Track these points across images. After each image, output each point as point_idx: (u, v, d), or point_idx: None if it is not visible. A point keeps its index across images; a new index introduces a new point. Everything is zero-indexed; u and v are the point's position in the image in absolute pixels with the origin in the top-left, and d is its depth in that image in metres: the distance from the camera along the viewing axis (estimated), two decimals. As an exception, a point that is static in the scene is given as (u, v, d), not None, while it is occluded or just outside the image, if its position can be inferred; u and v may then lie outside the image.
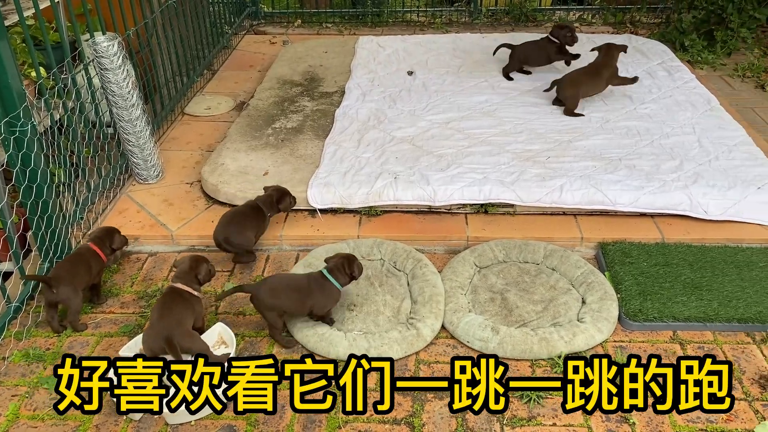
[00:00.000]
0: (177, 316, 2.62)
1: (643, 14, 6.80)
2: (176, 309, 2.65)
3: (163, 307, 2.65)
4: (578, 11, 7.03)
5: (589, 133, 4.20)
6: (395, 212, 3.64)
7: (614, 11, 6.83)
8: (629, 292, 3.01)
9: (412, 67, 5.40)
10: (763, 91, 5.16)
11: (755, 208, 3.45)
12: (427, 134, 4.24)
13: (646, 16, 6.81)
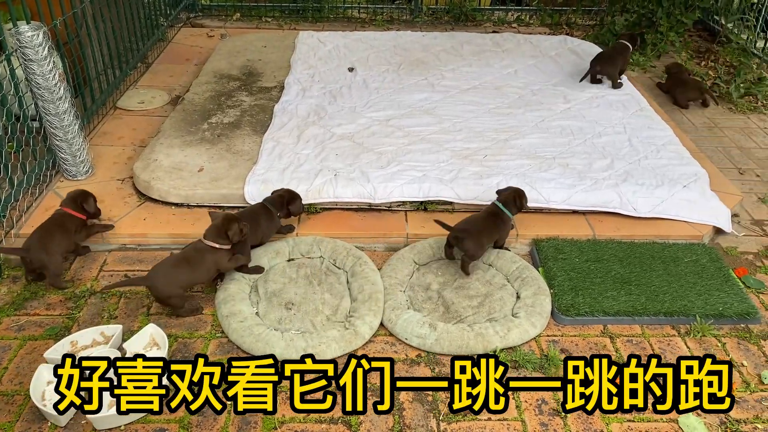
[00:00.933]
0: (186, 273, 2.88)
1: (579, 16, 6.99)
2: (190, 266, 2.89)
3: (179, 258, 2.91)
4: (516, 12, 7.15)
5: (525, 132, 4.28)
6: (335, 210, 3.61)
7: (551, 13, 6.99)
8: (562, 287, 3.08)
9: (353, 63, 5.38)
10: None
11: (681, 206, 3.59)
12: (368, 131, 4.23)
13: (581, 18, 7.00)
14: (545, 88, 4.98)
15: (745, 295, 3.06)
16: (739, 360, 2.77)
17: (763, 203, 3.90)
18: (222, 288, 3.01)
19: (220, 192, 3.56)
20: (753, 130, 4.82)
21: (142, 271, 3.20)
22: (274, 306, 2.93)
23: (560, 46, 5.88)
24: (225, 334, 2.83)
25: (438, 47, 5.81)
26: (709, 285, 3.12)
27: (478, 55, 5.64)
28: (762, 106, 5.21)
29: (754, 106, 5.18)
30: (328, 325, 2.86)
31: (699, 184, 3.74)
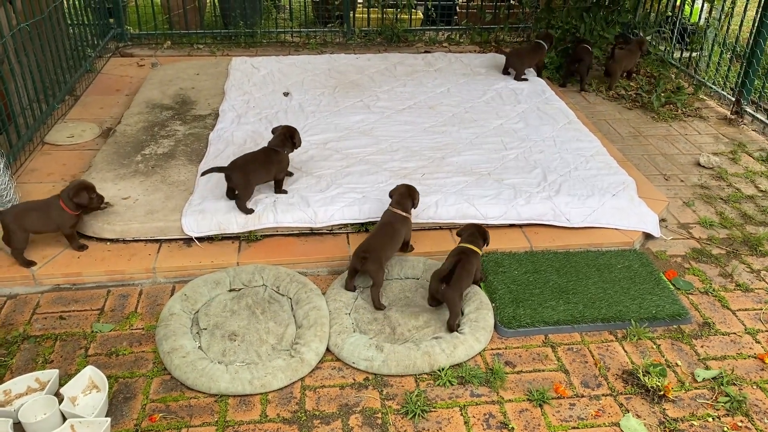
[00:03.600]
0: (380, 242, 3.18)
1: (506, 33, 7.21)
2: (384, 236, 3.24)
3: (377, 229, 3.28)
4: (446, 32, 7.32)
5: (461, 148, 4.38)
6: (276, 236, 3.59)
7: (479, 31, 7.18)
8: (503, 300, 3.15)
9: (288, 88, 5.39)
10: (616, 104, 5.62)
11: (612, 214, 3.73)
12: (305, 155, 4.24)
13: (509, 36, 7.22)
14: (477, 105, 5.11)
15: (676, 297, 3.20)
16: (674, 360, 2.88)
17: (687, 207, 4.10)
18: (162, 324, 2.94)
19: (156, 225, 3.49)
20: (675, 137, 5.06)
21: (78, 311, 3.11)
22: (216, 338, 2.89)
23: (490, 63, 6.05)
24: (168, 371, 2.77)
25: (372, 69, 5.88)
26: (642, 289, 3.25)
27: (412, 75, 5.74)
28: (682, 113, 5.48)
29: (675, 114, 5.45)
30: (273, 354, 2.83)
31: (627, 192, 3.90)
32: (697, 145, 4.94)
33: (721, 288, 3.36)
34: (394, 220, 3.33)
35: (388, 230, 3.29)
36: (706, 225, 3.91)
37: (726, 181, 4.41)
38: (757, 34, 5.18)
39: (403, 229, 3.34)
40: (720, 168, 4.57)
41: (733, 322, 3.12)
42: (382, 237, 3.25)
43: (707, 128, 5.24)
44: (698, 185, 4.36)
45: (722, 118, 5.42)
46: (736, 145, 4.93)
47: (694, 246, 3.72)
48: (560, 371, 2.82)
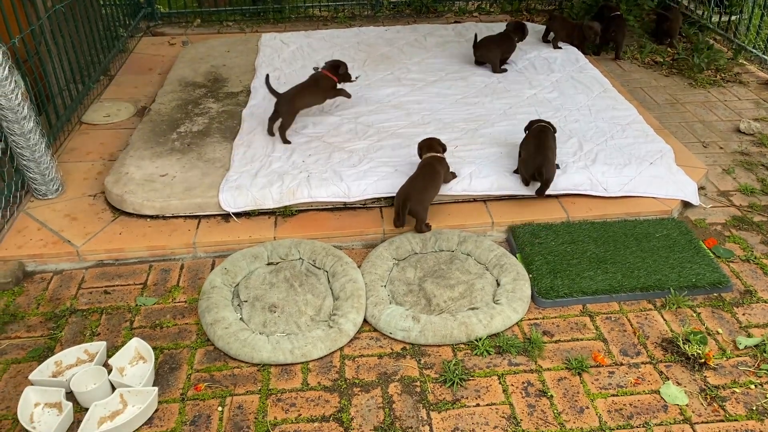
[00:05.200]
0: (421, 184, 3.38)
1: (538, 2, 7.07)
2: (427, 176, 3.43)
3: (416, 175, 3.45)
4: (477, 1, 7.21)
5: (494, 120, 4.34)
6: (310, 211, 3.63)
7: (510, 0, 7.06)
8: (540, 271, 3.14)
9: (318, 62, 5.37)
10: (651, 71, 5.49)
11: (649, 182, 3.67)
12: (338, 130, 4.25)
13: (541, 4, 7.08)
14: (510, 75, 5.04)
15: (716, 265, 3.15)
16: (714, 328, 2.85)
17: (727, 174, 4.01)
18: (204, 297, 3.01)
19: (195, 201, 3.55)
20: (713, 103, 4.94)
21: (122, 286, 3.19)
22: (257, 310, 2.94)
23: (522, 33, 5.93)
24: (211, 341, 2.84)
25: (402, 41, 5.83)
26: (681, 258, 3.21)
27: (442, 47, 5.68)
28: (721, 79, 5.33)
29: (714, 80, 5.31)
30: (312, 325, 2.88)
31: (665, 160, 3.83)
32: (737, 111, 4.81)
33: (763, 255, 3.30)
34: (432, 161, 3.51)
35: (427, 170, 3.47)
36: (746, 192, 3.82)
37: (767, 147, 4.30)
38: (801, -6, 4.99)
39: (441, 169, 3.50)
40: (761, 134, 4.45)
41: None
42: (423, 178, 3.43)
43: (747, 94, 5.10)
44: (738, 152, 4.26)
45: (764, 83, 5.26)
46: (778, 111, 4.80)
47: (734, 213, 3.65)
48: (599, 340, 2.81)
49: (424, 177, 3.43)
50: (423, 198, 3.35)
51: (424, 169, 3.47)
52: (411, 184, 3.39)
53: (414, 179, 3.42)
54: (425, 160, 3.54)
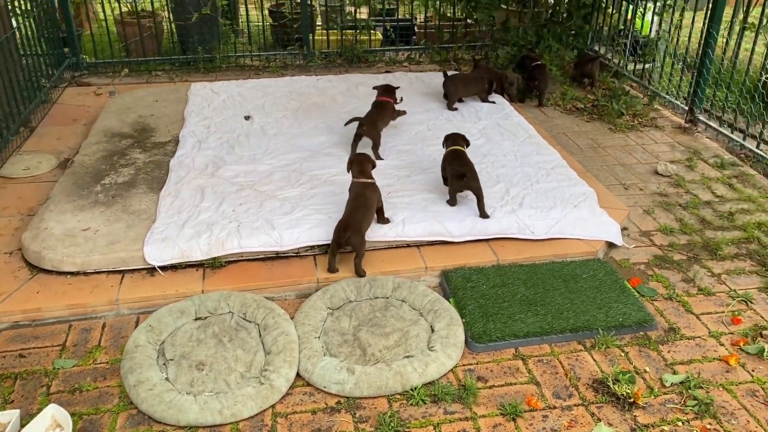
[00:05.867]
0: (360, 215, 3.45)
1: (464, 52, 7.32)
2: (362, 207, 3.48)
3: (353, 207, 3.50)
4: (406, 51, 7.40)
5: (425, 166, 4.40)
6: (241, 261, 3.55)
7: (438, 50, 7.28)
8: (473, 315, 3.16)
9: (249, 111, 5.36)
10: (573, 117, 5.73)
11: (574, 225, 3.78)
12: (270, 178, 4.22)
13: (467, 54, 7.33)
14: (439, 123, 5.16)
15: (641, 304, 3.25)
16: (642, 367, 2.92)
17: (648, 215, 4.18)
18: (127, 357, 2.87)
19: (118, 255, 3.42)
20: (632, 147, 5.18)
21: (39, 348, 3.01)
22: (184, 369, 2.82)
23: (450, 81, 6.11)
24: (134, 404, 2.69)
25: (334, 90, 5.90)
26: (608, 298, 3.29)
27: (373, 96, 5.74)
28: (638, 124, 5.61)
29: (631, 125, 5.58)
30: (243, 382, 2.78)
31: (588, 202, 3.96)
32: (654, 154, 5.06)
33: (684, 293, 3.43)
34: (362, 190, 3.57)
35: (361, 201, 3.53)
36: (666, 232, 3.99)
37: (684, 188, 4.52)
38: (705, 45, 5.35)
39: (374, 196, 3.58)
40: (677, 175, 4.68)
41: (697, 326, 3.18)
42: (358, 209, 3.48)
43: (663, 137, 5.38)
44: (657, 193, 4.45)
45: (677, 127, 5.57)
46: (692, 153, 5.07)
47: (656, 253, 3.79)
48: (532, 383, 2.83)
49: (360, 207, 3.50)
50: (361, 228, 3.42)
51: (359, 200, 3.53)
52: (350, 216, 3.44)
53: (353, 211, 3.47)
54: (357, 189, 3.58)
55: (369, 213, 3.53)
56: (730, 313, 3.26)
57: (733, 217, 4.13)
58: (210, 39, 7.01)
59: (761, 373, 2.87)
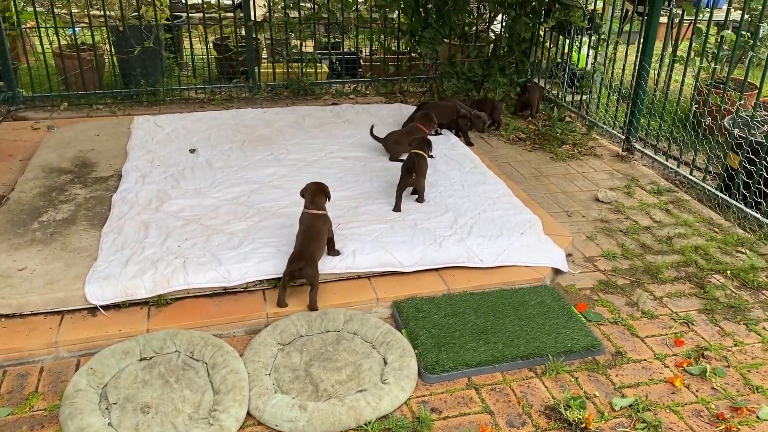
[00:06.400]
0: (313, 247, 3.42)
1: (410, 84, 7.44)
2: (315, 238, 3.46)
3: (304, 238, 3.46)
4: (352, 84, 7.47)
5: (374, 197, 4.42)
6: (187, 298, 3.46)
7: (384, 82, 7.38)
8: (425, 346, 3.15)
9: (194, 144, 5.29)
10: (516, 147, 5.87)
11: (521, 252, 3.85)
12: (216, 212, 4.15)
13: (413, 86, 7.46)
14: (387, 154, 5.20)
15: (588, 329, 3.31)
16: (592, 392, 2.96)
17: (591, 241, 4.29)
18: (67, 402, 2.73)
19: (57, 296, 3.28)
20: (573, 175, 5.33)
21: (-32, 397, 2.84)
22: (128, 413, 2.71)
23: (397, 114, 6.20)
24: (74, 453, 2.56)
25: (280, 122, 5.90)
26: (556, 324, 3.35)
27: (321, 127, 5.79)
28: (578, 153, 5.80)
29: (572, 154, 5.76)
30: (191, 424, 2.68)
31: (534, 230, 4.05)
32: (594, 181, 5.22)
33: (628, 317, 3.51)
34: (313, 221, 3.54)
35: (313, 232, 3.50)
36: (609, 257, 4.10)
37: (624, 214, 4.67)
38: (639, 77, 5.60)
39: (324, 227, 3.55)
40: (617, 202, 4.84)
41: (642, 349, 3.26)
42: (310, 241, 3.45)
43: (602, 165, 5.56)
44: (599, 219, 4.59)
45: (615, 155, 5.78)
46: (630, 180, 5.25)
47: (600, 278, 3.88)
48: (485, 413, 2.83)
49: (312, 239, 3.47)
50: (315, 259, 3.40)
51: (310, 231, 3.51)
52: (303, 247, 3.42)
53: (305, 243, 3.44)
54: (307, 220, 3.56)
55: (321, 244, 3.51)
56: (673, 335, 3.36)
57: (672, 242, 4.29)
58: (153, 72, 6.92)
59: (705, 393, 2.95)
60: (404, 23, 7.04)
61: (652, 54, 5.58)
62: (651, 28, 5.49)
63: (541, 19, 6.78)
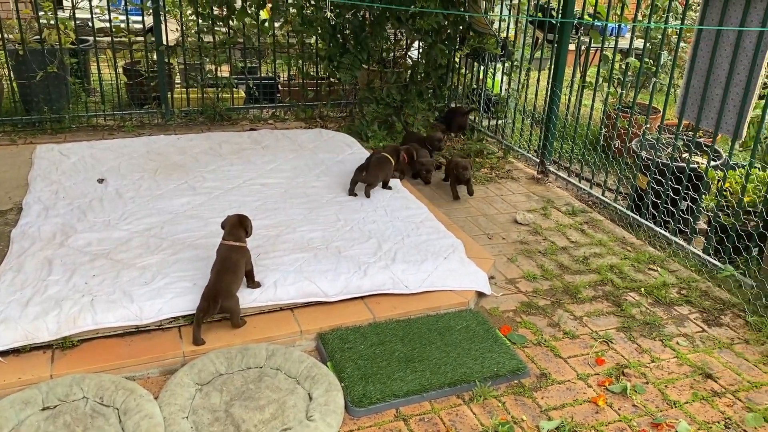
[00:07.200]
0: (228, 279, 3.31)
1: (329, 110, 7.41)
2: (230, 270, 3.35)
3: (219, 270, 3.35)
4: (270, 109, 7.36)
5: (296, 225, 4.32)
6: (97, 339, 3.22)
7: (304, 108, 7.31)
8: (352, 378, 3.06)
9: (103, 174, 5.03)
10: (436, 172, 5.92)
11: (446, 276, 3.85)
12: (127, 245, 3.93)
13: (332, 111, 7.43)
14: (308, 180, 5.12)
15: (513, 352, 3.33)
16: (519, 416, 2.96)
17: (511, 262, 4.35)
18: (-44, 463, 2.46)
19: (-54, 343, 2.98)
20: (492, 198, 5.43)
21: None
22: (28, 471, 2.47)
23: (317, 139, 6.14)
24: None
25: (195, 149, 5.71)
26: (482, 348, 3.34)
27: (238, 154, 5.64)
28: (496, 176, 5.92)
29: (490, 177, 5.87)
30: (100, 478, 2.48)
31: (457, 254, 4.06)
32: (513, 203, 5.33)
33: (551, 338, 3.56)
34: (230, 253, 3.45)
35: (228, 264, 3.40)
36: (530, 278, 4.16)
37: (542, 236, 4.78)
38: (551, 102, 5.80)
39: (242, 260, 3.46)
40: (535, 224, 4.95)
41: (566, 369, 3.30)
42: (226, 273, 3.36)
43: (519, 188, 5.69)
44: (518, 241, 4.67)
45: (531, 178, 5.93)
46: (546, 202, 5.40)
47: (522, 299, 3.93)
48: (415, 444, 2.77)
49: (227, 271, 3.37)
50: (231, 291, 3.32)
51: (225, 263, 3.41)
52: (217, 282, 3.32)
53: (219, 276, 3.35)
54: (223, 252, 3.48)
55: (237, 277, 3.40)
56: (594, 354, 3.42)
57: (588, 261, 4.41)
58: (58, 98, 6.55)
59: (626, 411, 3.01)
60: (322, 49, 7.03)
61: (563, 80, 5.80)
62: (561, 55, 5.72)
63: (457, 46, 6.93)
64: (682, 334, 3.62)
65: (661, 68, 6.35)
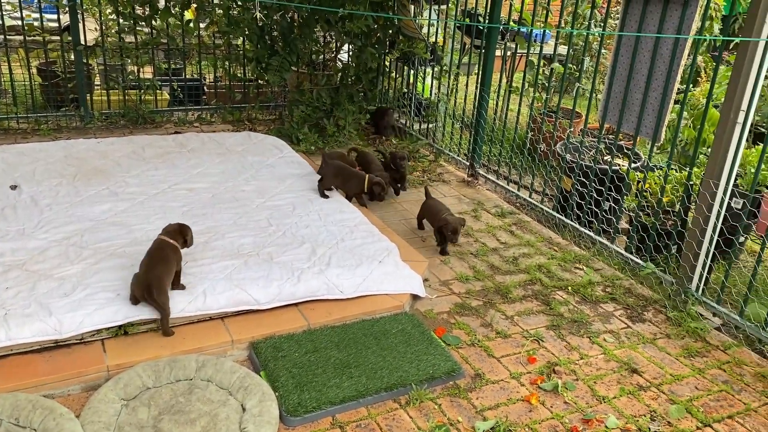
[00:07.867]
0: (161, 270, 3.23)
1: (258, 112, 7.27)
2: (162, 262, 3.28)
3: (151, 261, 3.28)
4: (196, 111, 7.15)
5: (225, 230, 4.20)
6: (11, 356, 3.02)
7: (231, 110, 7.15)
8: (286, 387, 3.00)
9: (16, 180, 4.74)
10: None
11: (381, 280, 3.83)
12: (43, 255, 3.71)
13: (262, 114, 7.30)
14: (237, 184, 5.00)
15: (448, 354, 3.34)
16: (455, 417, 2.97)
17: (444, 264, 4.39)
18: None
19: None
20: (425, 201, 5.45)
21: None
22: (-66, 503, 2.28)
23: (245, 142, 6.01)
24: None
25: (117, 153, 5.48)
26: (418, 351, 3.34)
27: (163, 158, 5.45)
28: (428, 179, 5.96)
29: (422, 180, 5.91)
30: (16, 506, 2.31)
31: (392, 257, 4.05)
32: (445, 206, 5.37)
33: (484, 338, 3.60)
34: (164, 246, 3.42)
35: (161, 255, 3.36)
36: (462, 279, 4.21)
37: (473, 237, 4.84)
38: (479, 107, 5.90)
39: (174, 258, 3.40)
40: (466, 226, 5.01)
41: (499, 369, 3.35)
42: (158, 263, 3.31)
43: (451, 191, 5.76)
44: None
45: (461, 181, 6.01)
46: (476, 204, 5.48)
47: (456, 301, 3.96)
48: (352, 452, 2.73)
49: (160, 262, 3.32)
50: (163, 284, 3.24)
51: (158, 253, 3.37)
52: (150, 272, 3.25)
53: (152, 266, 3.28)
54: (158, 243, 3.44)
55: (168, 270, 3.34)
56: (526, 353, 3.49)
57: (517, 261, 4.50)
58: (-36, 99, 6.15)
59: (558, 408, 3.07)
60: (249, 50, 6.89)
61: (491, 85, 5.91)
62: (488, 60, 5.82)
63: (387, 50, 6.96)
64: (608, 331, 3.75)
65: (584, 74, 6.57)
